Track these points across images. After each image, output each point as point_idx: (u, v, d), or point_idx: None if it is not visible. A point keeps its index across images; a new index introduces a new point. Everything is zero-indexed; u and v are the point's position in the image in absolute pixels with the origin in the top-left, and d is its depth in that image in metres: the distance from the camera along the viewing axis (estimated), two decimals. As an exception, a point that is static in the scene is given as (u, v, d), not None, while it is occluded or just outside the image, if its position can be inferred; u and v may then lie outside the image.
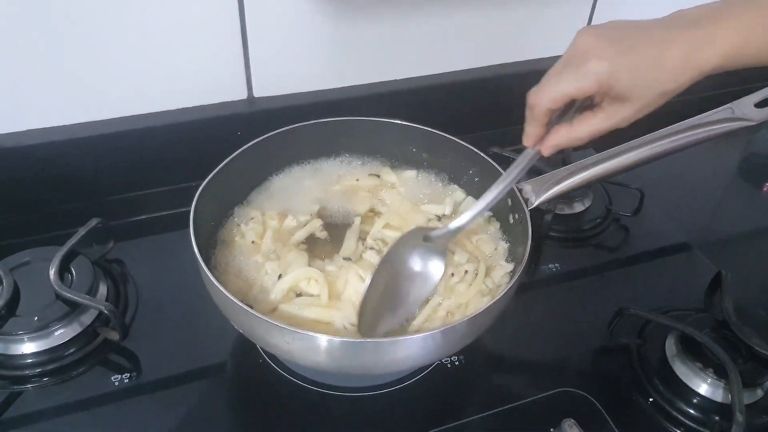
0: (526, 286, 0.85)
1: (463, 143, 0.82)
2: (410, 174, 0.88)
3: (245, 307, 0.58)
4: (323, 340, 0.57)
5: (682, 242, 0.97)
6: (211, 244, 0.76)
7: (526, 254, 0.67)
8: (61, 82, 0.86)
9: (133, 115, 0.93)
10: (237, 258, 0.75)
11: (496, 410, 0.70)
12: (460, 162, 0.84)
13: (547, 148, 0.60)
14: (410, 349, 0.61)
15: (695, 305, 0.81)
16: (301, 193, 0.85)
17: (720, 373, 0.70)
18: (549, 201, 0.76)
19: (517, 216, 0.75)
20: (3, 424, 0.67)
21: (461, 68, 1.08)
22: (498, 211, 0.80)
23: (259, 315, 0.57)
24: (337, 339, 0.57)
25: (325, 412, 0.70)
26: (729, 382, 0.67)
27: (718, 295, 0.78)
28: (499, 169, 0.77)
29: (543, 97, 0.56)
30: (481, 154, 0.81)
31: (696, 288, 0.84)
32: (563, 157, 1.01)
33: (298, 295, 0.70)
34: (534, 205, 0.73)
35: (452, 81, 1.07)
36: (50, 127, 0.89)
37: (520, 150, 0.62)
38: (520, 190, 0.74)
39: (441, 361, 0.75)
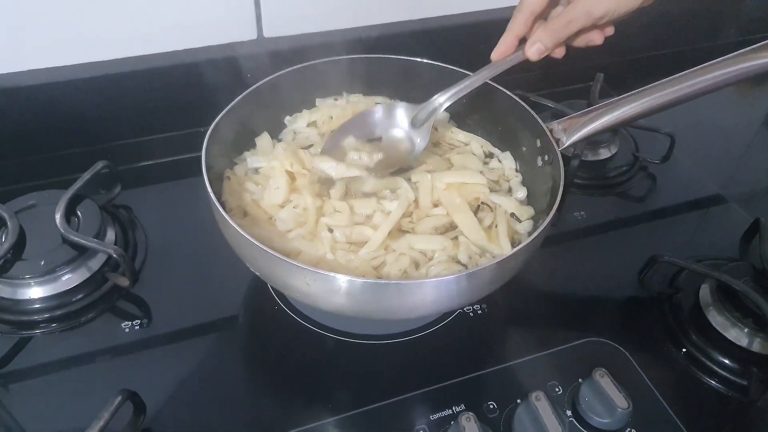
0: (550, 235, 0.81)
1: (496, 85, 0.77)
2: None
3: (264, 247, 0.55)
4: (344, 281, 0.54)
5: (711, 190, 0.93)
6: (221, 188, 0.72)
7: (559, 196, 0.63)
8: (62, 21, 0.81)
9: (138, 56, 0.88)
10: (248, 202, 0.71)
11: (521, 360, 0.68)
12: (489, 105, 0.80)
13: (529, 46, 0.65)
14: (433, 292, 0.58)
15: (727, 255, 0.78)
16: (312, 134, 0.80)
17: (760, 322, 0.67)
18: (578, 143, 0.71)
19: (546, 158, 0.70)
20: (12, 371, 0.65)
21: (481, 9, 1.02)
22: (525, 154, 0.76)
23: (280, 256, 0.54)
24: (358, 280, 0.54)
25: (342, 360, 0.68)
26: (770, 332, 0.64)
27: (755, 244, 0.74)
28: (532, 112, 0.73)
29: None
30: (514, 97, 0.76)
31: (726, 238, 0.81)
32: (589, 101, 0.97)
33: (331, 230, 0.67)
34: (565, 146, 0.68)
35: (472, 22, 1.02)
36: (52, 68, 0.85)
37: (546, 95, 0.59)
38: (550, 130, 0.70)
39: (463, 309, 0.72)
